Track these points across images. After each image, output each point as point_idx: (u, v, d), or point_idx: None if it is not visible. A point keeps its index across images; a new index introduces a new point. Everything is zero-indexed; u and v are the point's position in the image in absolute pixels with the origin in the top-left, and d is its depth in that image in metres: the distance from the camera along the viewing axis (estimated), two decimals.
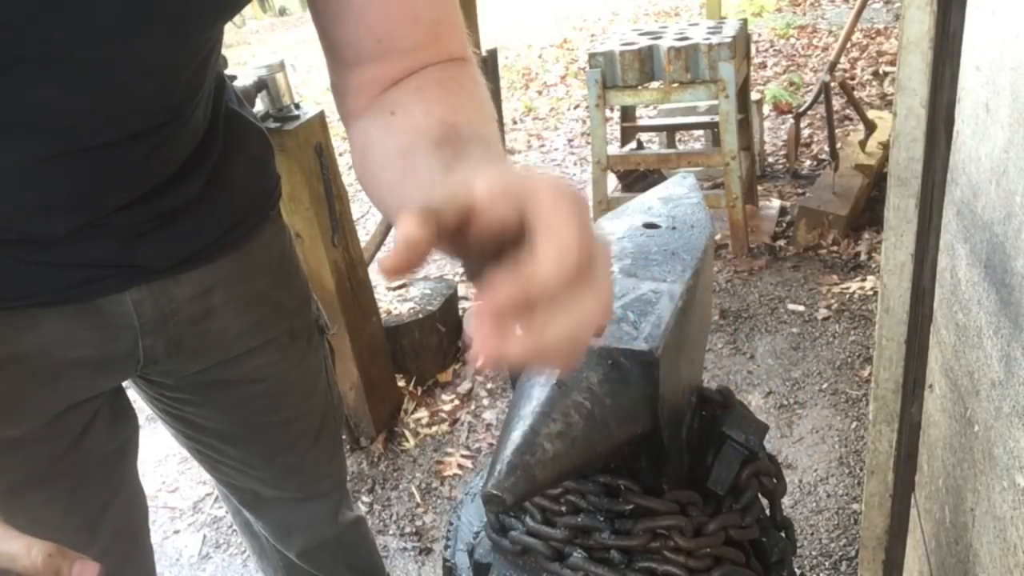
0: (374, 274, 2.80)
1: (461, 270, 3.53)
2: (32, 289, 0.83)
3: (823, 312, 2.98)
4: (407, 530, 2.22)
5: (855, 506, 2.10)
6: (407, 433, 2.60)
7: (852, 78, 5.40)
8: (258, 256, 1.03)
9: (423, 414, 2.68)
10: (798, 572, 1.93)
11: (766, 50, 6.66)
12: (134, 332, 0.92)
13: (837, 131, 3.83)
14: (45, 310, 0.84)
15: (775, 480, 0.89)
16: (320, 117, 2.14)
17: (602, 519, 0.80)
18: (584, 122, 5.45)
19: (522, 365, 0.46)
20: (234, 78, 1.49)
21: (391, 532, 2.23)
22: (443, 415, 2.67)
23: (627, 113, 3.78)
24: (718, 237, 3.42)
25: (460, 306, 3.10)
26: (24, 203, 0.77)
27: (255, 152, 1.00)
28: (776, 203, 3.80)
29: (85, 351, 0.90)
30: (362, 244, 2.56)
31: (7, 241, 0.79)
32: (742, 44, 3.33)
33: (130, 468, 1.06)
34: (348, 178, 4.80)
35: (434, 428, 2.62)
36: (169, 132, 0.82)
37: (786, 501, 1.84)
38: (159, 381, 1.04)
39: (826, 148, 3.98)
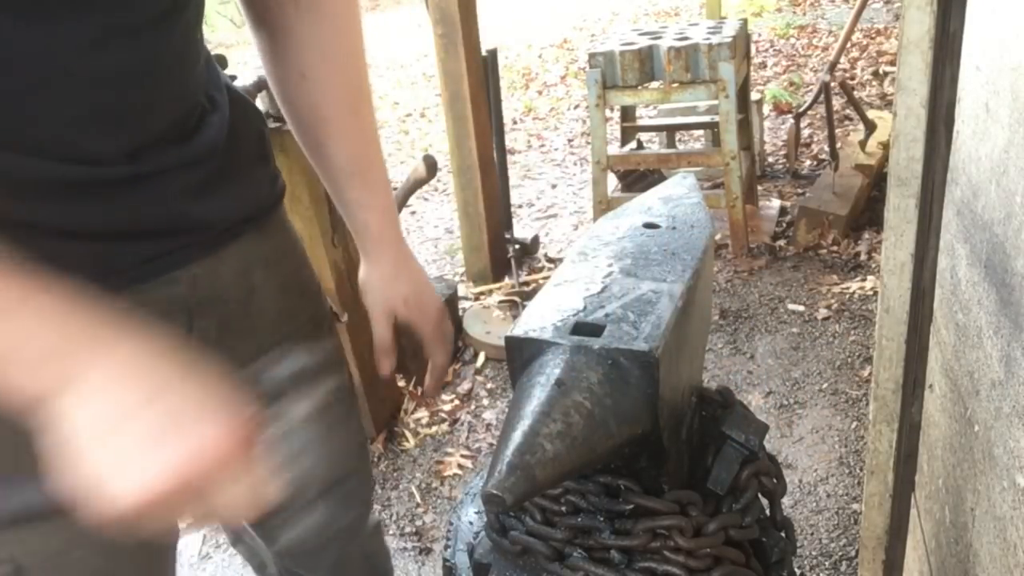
0: None
1: (461, 270, 3.54)
2: (94, 275, 0.78)
3: (823, 312, 2.98)
4: (407, 530, 2.22)
5: (855, 506, 2.10)
6: (407, 433, 2.60)
7: (852, 78, 5.40)
8: (284, 235, 1.04)
9: (423, 414, 2.68)
10: (798, 572, 1.93)
11: (766, 50, 6.66)
12: (187, 315, 0.90)
13: (837, 131, 3.83)
14: (107, 299, 0.82)
15: (775, 480, 0.89)
16: None
17: (602, 519, 0.80)
18: (584, 122, 5.45)
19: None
20: (234, 78, 1.49)
21: (391, 532, 2.23)
22: (443, 415, 2.67)
23: (627, 113, 3.78)
24: (718, 237, 3.42)
25: (460, 306, 3.10)
26: (75, 112, 0.74)
27: (260, 129, 1.01)
28: (776, 203, 3.80)
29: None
30: None
31: (68, 191, 0.76)
32: (742, 44, 3.33)
33: None
34: None
35: (434, 428, 2.62)
36: (188, 18, 0.82)
37: (786, 501, 1.84)
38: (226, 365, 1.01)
39: (826, 148, 3.98)
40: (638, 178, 3.69)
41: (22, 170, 0.73)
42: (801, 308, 3.03)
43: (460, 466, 2.44)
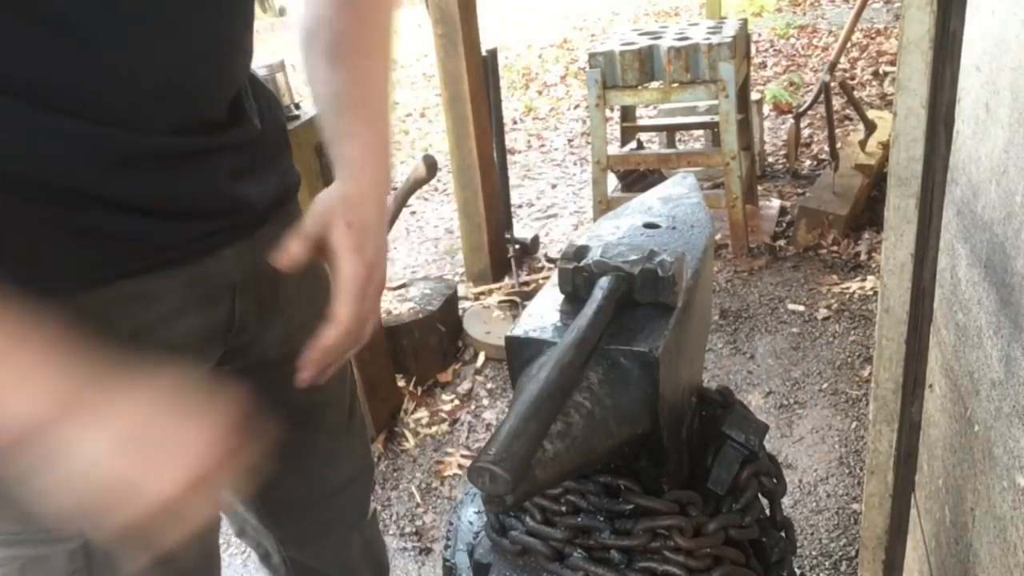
0: None
1: (461, 270, 3.54)
2: (153, 250, 0.82)
3: (823, 312, 2.98)
4: (407, 530, 2.22)
5: (855, 506, 2.10)
6: (407, 433, 2.60)
7: (852, 78, 5.40)
8: (301, 222, 1.04)
9: (423, 414, 2.68)
10: (798, 572, 1.93)
11: (766, 50, 6.66)
12: (231, 293, 0.92)
13: (837, 131, 3.83)
14: (164, 274, 0.83)
15: (775, 480, 0.89)
16: None
17: (602, 519, 0.80)
18: (584, 122, 5.45)
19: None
20: None
21: (391, 532, 2.23)
22: (443, 415, 2.67)
23: (627, 113, 3.78)
24: (718, 237, 3.42)
25: (460, 306, 3.10)
26: (152, 86, 0.77)
27: (281, 118, 1.04)
28: (776, 203, 3.80)
29: (196, 320, 0.88)
30: None
31: (124, 165, 0.77)
32: (742, 44, 3.33)
33: None
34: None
35: (434, 428, 2.62)
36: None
37: (786, 501, 1.84)
38: (224, 367, 1.00)
39: (826, 148, 3.98)
40: (638, 178, 3.69)
41: (95, 140, 0.76)
42: (801, 308, 3.03)
43: (460, 466, 2.44)
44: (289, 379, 1.04)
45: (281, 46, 2.40)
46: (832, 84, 3.55)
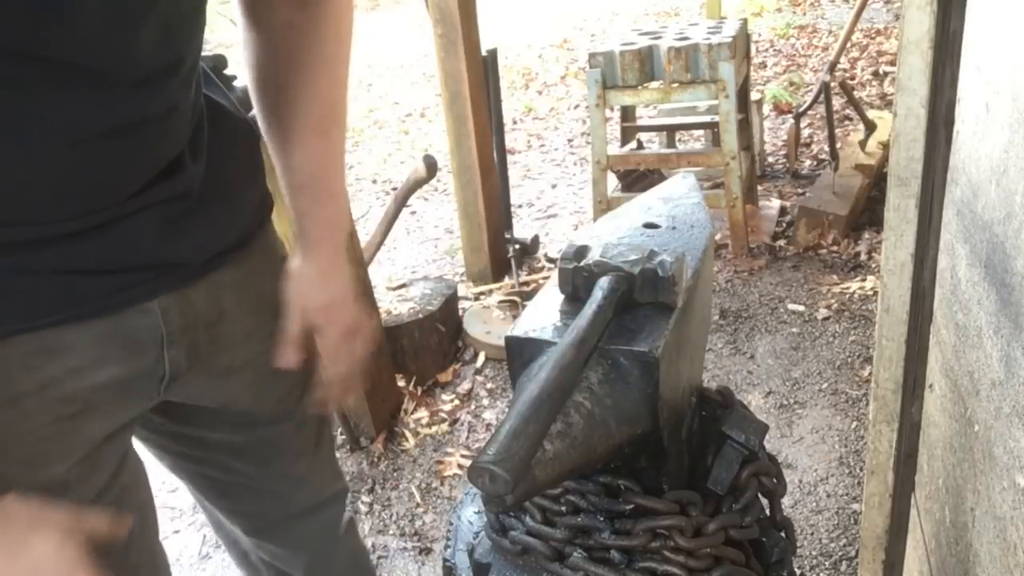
0: (374, 274, 2.80)
1: (461, 270, 3.54)
2: (61, 304, 0.79)
3: (823, 312, 2.98)
4: (407, 530, 2.22)
5: (855, 506, 2.10)
6: (407, 433, 2.60)
7: (852, 78, 5.40)
8: (260, 256, 1.03)
9: (423, 414, 2.68)
10: (798, 572, 1.93)
11: (766, 50, 6.66)
12: (159, 344, 0.89)
13: (837, 131, 3.83)
14: (74, 328, 0.80)
15: (775, 480, 0.89)
16: None
17: (602, 519, 0.80)
18: (584, 122, 5.45)
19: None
20: (234, 78, 1.49)
21: (391, 532, 2.23)
22: (443, 415, 2.67)
23: (627, 113, 3.78)
24: (718, 237, 3.42)
25: (460, 306, 3.10)
26: (44, 180, 0.75)
27: (251, 143, 1.01)
28: (776, 203, 3.80)
29: (114, 371, 0.85)
30: (362, 244, 2.56)
31: (29, 245, 0.76)
32: (742, 44, 3.33)
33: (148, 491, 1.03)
34: (348, 178, 4.80)
35: (434, 428, 2.62)
36: (174, 79, 0.82)
37: (786, 501, 1.84)
38: (168, 409, 1.00)
39: (826, 148, 3.98)
40: (638, 178, 3.69)
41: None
42: (801, 308, 3.03)
43: (460, 466, 2.44)
44: (248, 407, 1.06)
45: None
46: (832, 84, 3.55)
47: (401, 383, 2.75)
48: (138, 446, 1.04)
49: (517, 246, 3.48)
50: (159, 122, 0.82)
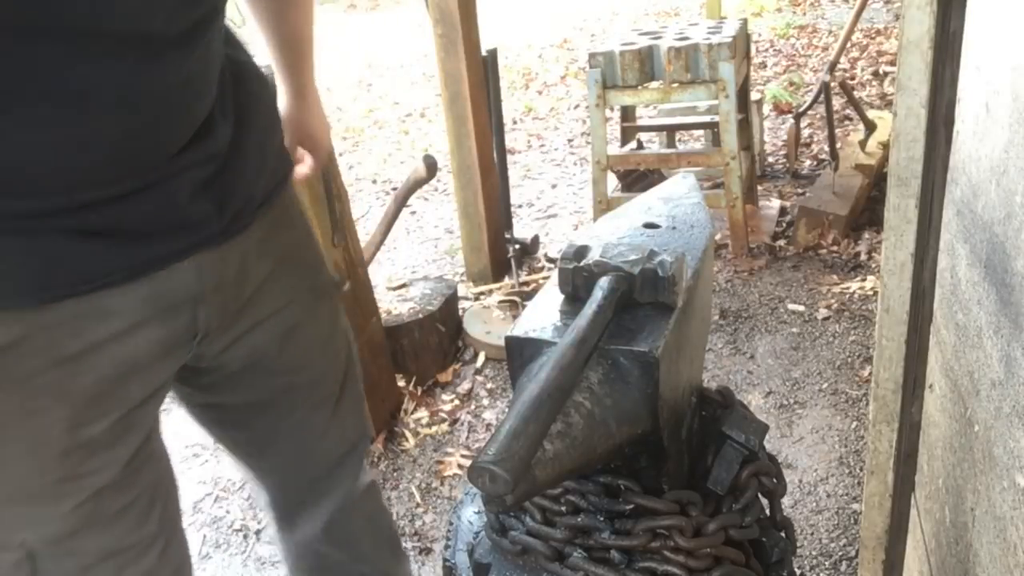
0: (374, 274, 2.80)
1: (461, 270, 3.53)
2: (106, 268, 0.82)
3: (823, 312, 2.98)
4: (407, 530, 2.22)
5: (855, 506, 2.10)
6: (407, 433, 2.60)
7: (852, 78, 5.40)
8: (284, 212, 1.07)
9: (423, 414, 2.68)
10: (798, 572, 1.93)
11: (766, 50, 6.66)
12: (193, 303, 0.92)
13: (837, 131, 3.83)
14: (117, 291, 0.83)
15: (775, 480, 0.89)
16: None
17: (602, 519, 0.80)
18: (584, 122, 5.45)
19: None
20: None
21: None
22: (443, 415, 2.67)
23: (627, 113, 3.78)
24: (718, 237, 3.42)
25: (460, 306, 3.10)
26: (81, 139, 0.77)
27: (267, 102, 1.06)
28: (776, 203, 3.80)
29: (155, 332, 0.88)
30: (362, 244, 2.56)
31: (79, 210, 0.79)
32: (742, 44, 3.33)
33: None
34: (348, 178, 4.80)
35: (434, 428, 2.62)
36: (208, 35, 0.86)
37: (786, 501, 1.84)
38: (197, 367, 1.03)
39: (826, 148, 3.98)
40: (638, 178, 3.69)
41: (42, 198, 0.77)
42: (801, 308, 3.03)
43: (460, 466, 2.44)
44: (271, 362, 1.09)
45: None
46: (832, 84, 3.55)
47: (401, 383, 2.75)
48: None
49: (517, 246, 3.48)
50: (199, 80, 0.86)
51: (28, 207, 0.76)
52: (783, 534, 0.92)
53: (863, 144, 3.79)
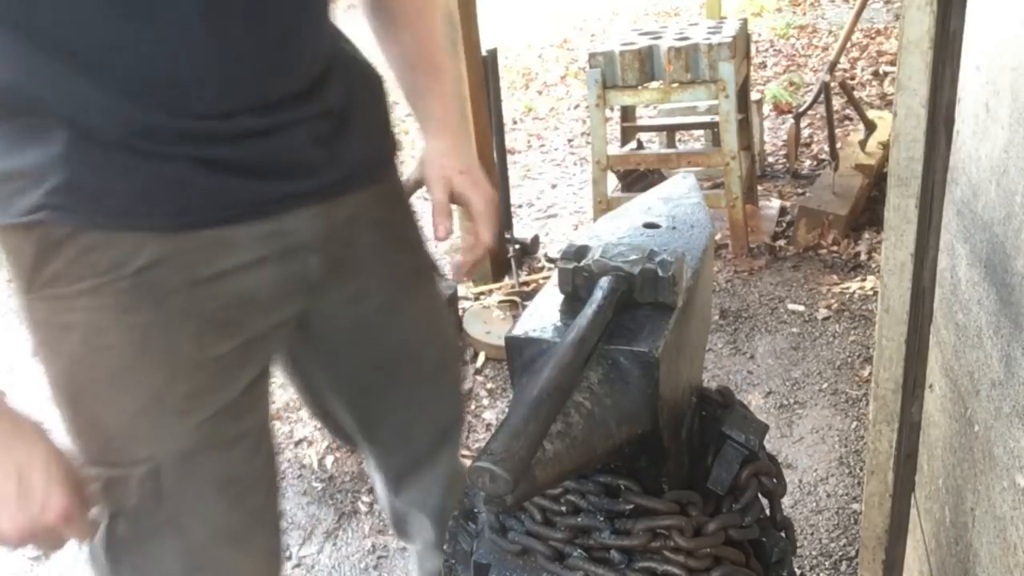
0: None
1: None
2: (232, 203, 0.90)
3: (823, 312, 2.98)
4: None
5: (855, 506, 2.10)
6: None
7: (852, 78, 5.39)
8: (392, 191, 1.13)
9: None
10: (798, 572, 1.93)
11: (766, 50, 6.66)
12: (306, 250, 0.98)
13: (837, 131, 3.83)
14: (241, 227, 0.91)
15: (775, 480, 0.89)
16: None
17: (602, 519, 0.80)
18: (584, 122, 5.44)
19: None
20: None
21: (391, 532, 2.22)
22: None
23: (627, 113, 3.78)
24: (718, 237, 3.42)
25: (460, 306, 3.10)
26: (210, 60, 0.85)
27: (374, 88, 1.10)
28: (776, 203, 3.80)
29: (272, 271, 0.96)
30: None
31: (203, 139, 0.87)
32: (742, 44, 3.33)
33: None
34: None
35: None
36: None
37: (786, 501, 1.84)
38: (309, 328, 1.08)
39: (826, 148, 3.98)
40: (638, 178, 3.68)
41: (179, 122, 0.86)
42: (801, 308, 3.03)
43: None
44: (369, 339, 1.15)
45: None
46: (832, 84, 3.55)
47: None
48: None
49: (517, 246, 3.48)
50: (310, 26, 0.95)
51: (168, 127, 0.85)
52: (783, 534, 0.92)
53: (863, 144, 3.79)
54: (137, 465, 0.90)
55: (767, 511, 0.91)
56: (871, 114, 3.96)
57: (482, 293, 3.30)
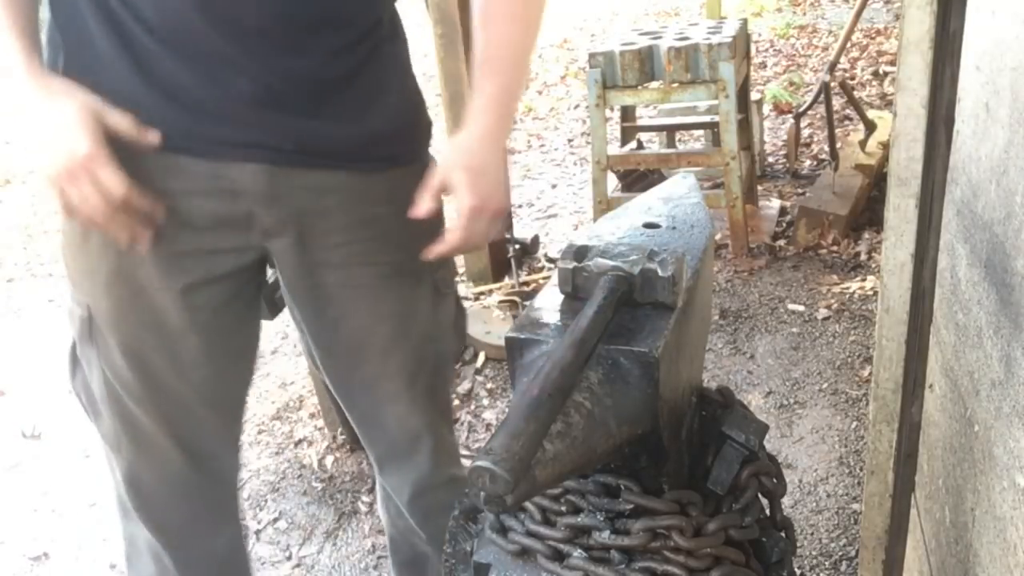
0: None
1: (461, 270, 3.53)
2: (184, 137, 1.03)
3: (823, 312, 2.98)
4: None
5: (855, 506, 2.10)
6: None
7: (852, 78, 5.39)
8: (389, 186, 1.15)
9: None
10: (798, 572, 1.93)
11: (766, 50, 6.66)
12: (247, 199, 1.08)
13: (837, 131, 3.83)
14: (192, 159, 1.05)
15: (775, 480, 0.89)
16: None
17: (602, 519, 0.80)
18: (584, 122, 5.44)
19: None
20: None
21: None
22: None
23: (627, 113, 3.78)
24: (718, 237, 3.42)
25: None
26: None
27: (408, 83, 1.22)
28: (776, 203, 3.80)
29: (210, 203, 1.08)
30: None
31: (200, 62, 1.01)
32: (742, 44, 3.33)
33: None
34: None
35: None
36: None
37: (786, 501, 1.84)
38: (296, 260, 1.16)
39: (826, 148, 3.98)
40: (638, 178, 3.68)
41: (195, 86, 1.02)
42: (801, 308, 3.03)
43: None
44: (333, 312, 1.20)
45: None
46: (832, 84, 3.55)
47: None
48: None
49: (517, 246, 3.48)
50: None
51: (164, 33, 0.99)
52: (783, 534, 0.92)
53: (863, 144, 3.79)
54: (81, 305, 1.14)
55: (767, 511, 0.91)
56: (871, 114, 3.96)
57: (482, 293, 3.30)
